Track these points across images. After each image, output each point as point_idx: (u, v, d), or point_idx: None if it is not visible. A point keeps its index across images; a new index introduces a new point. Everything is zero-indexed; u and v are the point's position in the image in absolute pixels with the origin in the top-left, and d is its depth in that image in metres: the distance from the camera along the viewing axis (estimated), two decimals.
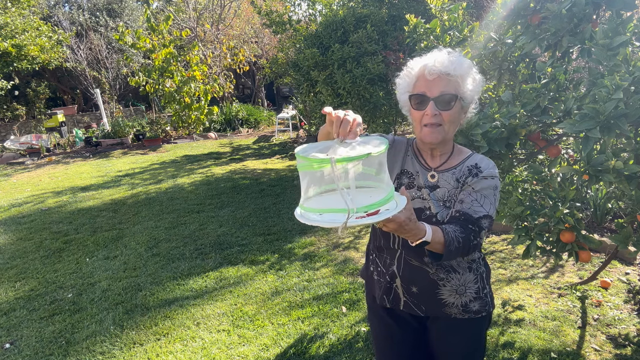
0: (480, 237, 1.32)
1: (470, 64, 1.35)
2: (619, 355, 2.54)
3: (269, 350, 2.76)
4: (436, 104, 1.30)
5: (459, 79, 1.31)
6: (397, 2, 6.37)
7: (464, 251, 1.27)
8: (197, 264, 4.03)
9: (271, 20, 8.59)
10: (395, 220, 1.05)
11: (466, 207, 1.33)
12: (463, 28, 2.63)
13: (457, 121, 1.38)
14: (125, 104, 15.67)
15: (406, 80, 1.39)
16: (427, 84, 1.31)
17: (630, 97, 1.54)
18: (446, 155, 1.44)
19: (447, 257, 1.25)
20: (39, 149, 10.83)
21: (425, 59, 1.34)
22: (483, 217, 1.32)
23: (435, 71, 1.29)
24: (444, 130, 1.34)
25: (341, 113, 1.05)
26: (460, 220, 1.31)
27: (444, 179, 1.41)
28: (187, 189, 6.75)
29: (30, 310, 3.41)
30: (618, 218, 4.04)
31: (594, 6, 1.88)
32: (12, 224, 5.54)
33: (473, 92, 1.36)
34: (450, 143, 1.45)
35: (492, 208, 1.34)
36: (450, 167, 1.42)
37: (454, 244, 1.23)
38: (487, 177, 1.36)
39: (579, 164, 1.81)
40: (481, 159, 1.41)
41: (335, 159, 0.93)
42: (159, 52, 10.69)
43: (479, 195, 1.34)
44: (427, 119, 1.33)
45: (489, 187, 1.36)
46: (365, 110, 5.73)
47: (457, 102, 1.32)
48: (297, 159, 1.00)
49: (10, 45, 10.98)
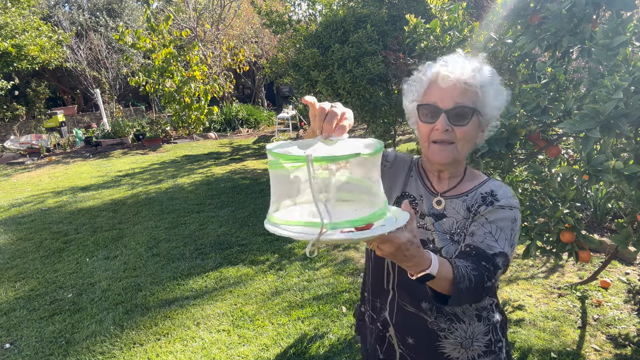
0: (495, 279, 1.06)
1: (493, 73, 1.14)
2: (619, 355, 2.54)
3: (269, 350, 2.76)
4: (449, 117, 1.09)
5: (478, 89, 1.09)
6: (397, 2, 6.37)
7: (475, 294, 1.01)
8: (197, 264, 4.03)
9: (271, 20, 8.59)
10: (393, 240, 0.80)
11: (478, 241, 1.09)
12: (463, 28, 2.62)
13: (473, 140, 1.16)
14: (125, 104, 15.67)
15: (415, 86, 1.19)
16: (440, 93, 1.10)
17: (630, 97, 1.54)
18: (456, 179, 1.22)
19: (455, 300, 0.97)
20: (39, 149, 10.83)
21: (440, 63, 1.15)
22: (499, 254, 1.06)
23: (450, 78, 1.09)
24: (456, 149, 1.13)
25: (327, 105, 0.87)
26: (472, 256, 1.06)
27: (452, 206, 1.19)
28: (187, 189, 6.75)
29: (30, 310, 3.41)
30: (618, 218, 4.05)
31: (594, 6, 1.88)
32: (12, 224, 5.54)
33: (494, 108, 1.14)
34: (463, 165, 1.23)
35: (507, 245, 1.09)
36: (461, 193, 1.19)
37: (464, 282, 0.97)
38: (504, 206, 1.12)
39: (579, 164, 1.81)
40: (499, 185, 1.19)
41: (313, 157, 0.72)
42: (159, 52, 10.69)
43: (493, 227, 1.10)
44: (436, 134, 1.12)
45: (506, 218, 1.11)
46: (365, 110, 5.73)
47: (475, 117, 1.11)
48: (268, 155, 0.79)
49: (10, 45, 10.97)
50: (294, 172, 0.77)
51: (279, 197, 0.83)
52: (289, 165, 0.76)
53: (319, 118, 0.85)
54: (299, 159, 0.74)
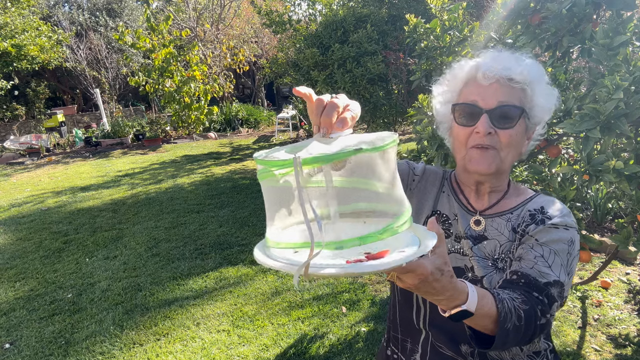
0: (550, 314, 0.86)
1: (542, 69, 0.99)
2: (619, 356, 2.54)
3: (269, 350, 2.75)
4: (491, 118, 0.94)
5: (526, 86, 0.95)
6: (397, 2, 6.37)
7: (526, 333, 0.82)
8: (197, 264, 4.02)
9: (271, 20, 8.59)
10: (416, 270, 0.63)
11: (527, 267, 0.90)
12: (463, 28, 2.62)
13: (519, 147, 0.99)
14: (125, 104, 15.67)
15: (449, 85, 1.03)
16: (481, 91, 0.96)
17: (630, 97, 1.54)
18: (498, 194, 1.04)
19: (500, 342, 0.79)
20: (39, 149, 10.83)
21: (479, 58, 1.00)
22: (553, 284, 0.88)
23: (493, 73, 0.94)
24: (499, 157, 0.96)
25: (326, 97, 0.72)
26: (520, 286, 0.88)
27: (494, 226, 1.01)
28: (187, 189, 6.75)
29: (30, 310, 3.40)
30: (618, 218, 4.04)
31: (594, 6, 1.88)
32: (12, 224, 5.54)
33: (544, 110, 0.98)
34: (506, 178, 1.06)
35: (564, 272, 0.90)
36: (504, 211, 1.02)
37: (511, 319, 0.79)
38: (558, 225, 0.94)
39: (579, 164, 1.81)
40: (550, 201, 1.00)
41: (301, 159, 0.57)
42: (159, 52, 10.69)
43: (545, 250, 0.91)
44: (476, 138, 0.96)
45: (561, 240, 0.92)
46: (365, 110, 5.73)
47: (522, 120, 0.96)
48: (257, 165, 0.65)
49: (10, 45, 10.98)
50: (286, 180, 0.62)
51: (272, 212, 0.67)
52: (277, 172, 0.61)
53: (316, 112, 0.71)
54: (286, 164, 0.58)
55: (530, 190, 1.07)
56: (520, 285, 0.88)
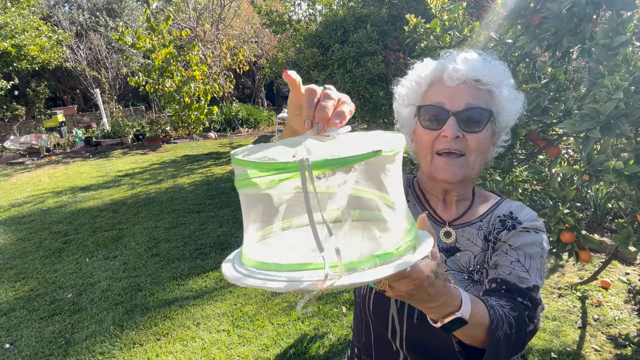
0: (537, 319, 0.83)
1: (509, 72, 0.95)
2: (619, 356, 2.54)
3: (269, 350, 2.75)
4: (459, 121, 0.88)
5: (494, 88, 0.91)
6: (397, 2, 6.37)
7: (516, 342, 0.76)
8: (197, 264, 4.02)
9: (271, 20, 8.59)
10: (411, 275, 0.56)
11: (505, 273, 0.86)
12: (463, 28, 2.62)
13: (486, 152, 0.95)
14: (125, 104, 15.67)
15: (413, 86, 0.97)
16: (447, 92, 0.90)
17: (630, 97, 1.54)
18: (466, 203, 1.00)
19: (490, 355, 0.72)
20: (39, 149, 10.83)
21: (444, 57, 0.95)
22: (533, 288, 0.85)
23: (460, 74, 0.89)
24: (467, 163, 0.91)
25: (317, 87, 0.62)
26: (502, 294, 0.83)
27: (465, 237, 0.96)
28: (187, 189, 6.75)
29: (30, 310, 3.40)
30: (618, 218, 4.04)
31: (594, 6, 1.88)
32: (12, 224, 5.54)
33: (510, 114, 0.94)
34: (472, 185, 1.02)
35: (539, 276, 0.88)
36: (474, 220, 0.97)
37: (502, 327, 0.73)
38: (529, 229, 0.92)
39: (579, 164, 1.81)
40: (518, 206, 0.98)
41: (311, 162, 0.47)
42: (159, 52, 10.69)
43: (520, 254, 0.89)
44: (443, 142, 0.90)
45: (534, 243, 0.90)
46: (365, 110, 5.73)
47: (490, 123, 0.91)
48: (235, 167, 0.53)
49: (10, 45, 10.98)
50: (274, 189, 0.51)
51: (254, 226, 0.57)
52: (267, 180, 0.49)
53: (308, 104, 0.60)
54: (287, 168, 0.48)
55: (494, 194, 1.04)
56: (503, 292, 0.84)
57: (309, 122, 0.59)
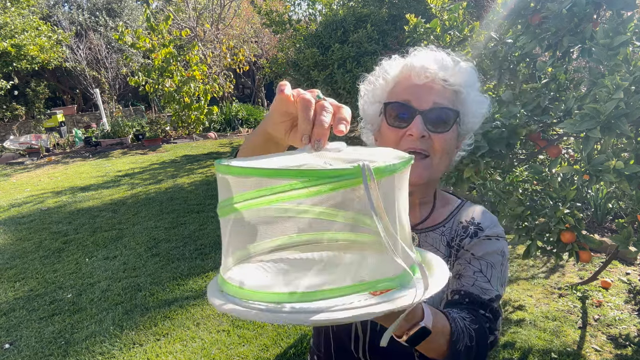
0: (497, 330, 0.85)
1: (476, 75, 0.94)
2: (619, 356, 2.54)
3: (269, 350, 2.75)
4: (426, 121, 0.86)
5: (462, 89, 0.89)
6: (397, 2, 6.37)
7: (478, 355, 0.77)
8: (197, 264, 4.02)
9: (271, 20, 8.59)
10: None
11: (468, 285, 0.86)
12: (463, 28, 2.62)
13: (451, 154, 0.93)
14: (125, 104, 15.67)
15: (379, 83, 0.94)
16: (415, 90, 0.88)
17: (630, 96, 1.53)
18: (428, 206, 0.97)
19: None
20: (39, 149, 10.82)
21: (411, 55, 0.93)
22: (495, 299, 0.86)
23: (428, 73, 0.87)
24: (431, 165, 0.89)
25: (307, 95, 0.58)
26: (464, 305, 0.83)
27: (428, 242, 0.94)
28: (186, 189, 6.75)
29: (30, 310, 3.40)
30: (618, 218, 4.04)
31: (595, 6, 1.88)
32: (11, 224, 5.53)
33: (475, 117, 0.93)
34: (434, 187, 0.99)
35: (500, 285, 0.88)
36: (437, 224, 0.96)
37: (463, 339, 0.74)
38: (491, 237, 0.92)
39: (579, 164, 1.80)
40: (480, 211, 0.97)
41: (373, 168, 0.45)
42: (159, 52, 10.68)
43: (483, 264, 0.88)
44: (408, 142, 0.87)
45: (495, 252, 0.90)
46: None
47: (455, 125, 0.90)
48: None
49: (9, 45, 10.98)
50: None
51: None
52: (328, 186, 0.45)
53: (304, 118, 0.56)
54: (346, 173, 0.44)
55: (453, 196, 1.01)
56: (465, 304, 0.83)
57: (306, 137, 0.56)
